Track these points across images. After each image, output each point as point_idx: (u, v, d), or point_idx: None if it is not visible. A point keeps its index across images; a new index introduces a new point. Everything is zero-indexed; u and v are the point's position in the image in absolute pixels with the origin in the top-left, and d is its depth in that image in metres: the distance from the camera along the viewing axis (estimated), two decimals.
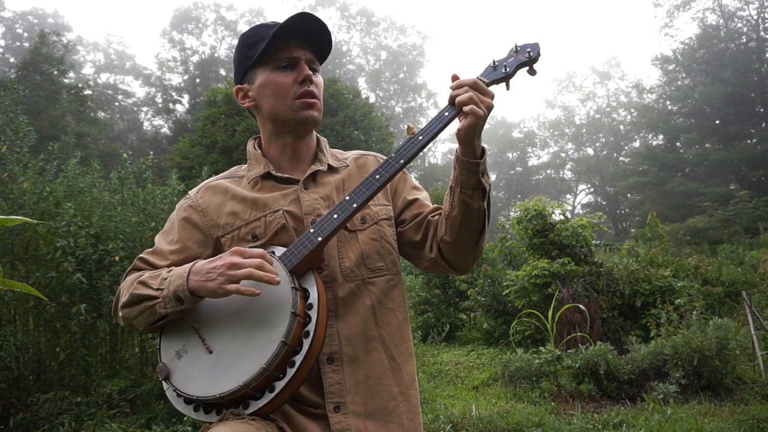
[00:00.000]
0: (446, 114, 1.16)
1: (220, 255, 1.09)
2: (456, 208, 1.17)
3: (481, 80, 1.16)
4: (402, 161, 1.15)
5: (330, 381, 1.12)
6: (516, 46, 1.27)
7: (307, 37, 1.22)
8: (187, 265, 1.12)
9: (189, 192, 1.33)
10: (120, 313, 1.17)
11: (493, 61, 1.26)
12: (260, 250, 1.07)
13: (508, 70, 1.23)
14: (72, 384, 4.39)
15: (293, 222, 1.20)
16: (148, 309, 1.11)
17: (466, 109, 1.10)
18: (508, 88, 1.26)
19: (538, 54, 1.25)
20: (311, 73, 1.22)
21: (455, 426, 3.79)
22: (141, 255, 1.26)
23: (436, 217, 1.28)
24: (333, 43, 1.27)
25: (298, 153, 1.29)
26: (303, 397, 1.12)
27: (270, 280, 1.02)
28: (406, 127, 1.21)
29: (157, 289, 1.11)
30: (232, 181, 1.30)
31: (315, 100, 1.23)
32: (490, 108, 1.13)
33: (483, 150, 1.16)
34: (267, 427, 1.01)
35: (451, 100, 1.15)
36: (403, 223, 1.31)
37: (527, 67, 1.26)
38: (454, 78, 1.18)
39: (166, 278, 1.12)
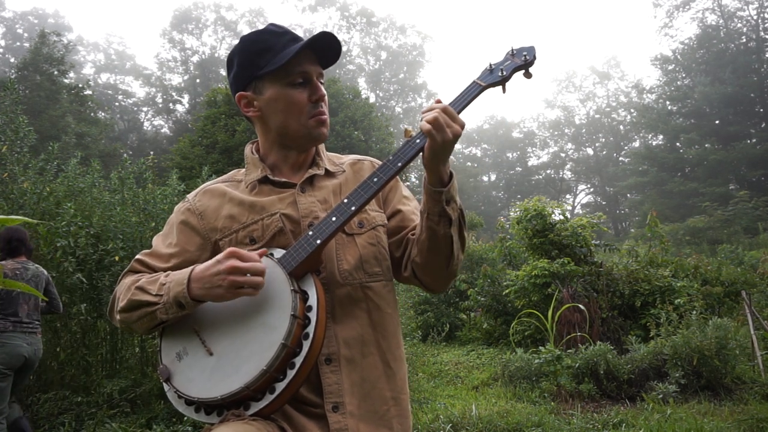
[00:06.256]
0: None
1: (216, 258, 1.10)
2: (424, 233, 1.18)
3: (452, 104, 1.17)
4: (399, 164, 1.15)
5: (328, 381, 1.13)
6: (512, 50, 1.28)
7: (321, 52, 1.23)
8: (185, 271, 1.12)
9: (187, 195, 1.34)
10: (117, 317, 1.18)
11: (490, 65, 1.27)
12: (254, 254, 1.09)
13: (504, 73, 1.24)
14: (72, 384, 4.40)
15: (290, 225, 1.21)
16: (148, 315, 1.13)
17: (425, 129, 1.08)
18: (504, 91, 1.27)
19: (534, 57, 1.25)
20: (325, 93, 1.25)
21: (455, 426, 3.79)
22: (138, 257, 1.27)
23: (414, 235, 1.27)
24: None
25: (299, 162, 1.31)
26: (302, 396, 1.13)
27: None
28: (404, 129, 1.21)
29: (157, 295, 1.12)
30: (230, 185, 1.31)
31: (327, 117, 1.27)
32: (456, 135, 1.10)
33: (451, 176, 1.15)
34: (268, 427, 1.02)
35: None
36: (387, 235, 1.31)
37: (523, 71, 1.27)
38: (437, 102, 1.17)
39: (164, 284, 1.12)
